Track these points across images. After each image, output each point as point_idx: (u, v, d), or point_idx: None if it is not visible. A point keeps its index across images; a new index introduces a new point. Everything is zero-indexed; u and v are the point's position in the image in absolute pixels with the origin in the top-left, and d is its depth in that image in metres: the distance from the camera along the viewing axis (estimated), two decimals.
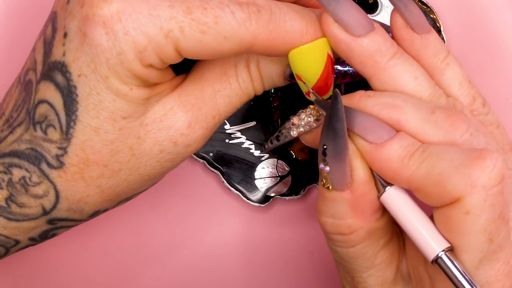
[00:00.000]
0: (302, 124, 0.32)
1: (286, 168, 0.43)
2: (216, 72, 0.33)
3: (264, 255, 0.44)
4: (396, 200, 0.31)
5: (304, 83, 0.32)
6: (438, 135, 0.30)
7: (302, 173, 0.43)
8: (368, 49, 0.31)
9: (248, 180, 0.43)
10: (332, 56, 0.32)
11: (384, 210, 0.32)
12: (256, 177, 0.43)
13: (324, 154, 0.30)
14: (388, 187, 0.31)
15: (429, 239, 0.29)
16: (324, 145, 0.30)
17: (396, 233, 0.34)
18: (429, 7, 0.43)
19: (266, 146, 0.36)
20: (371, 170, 0.31)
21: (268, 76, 0.33)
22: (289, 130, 0.33)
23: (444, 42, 0.43)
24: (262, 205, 0.43)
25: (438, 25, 0.43)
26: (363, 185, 0.31)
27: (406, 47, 0.33)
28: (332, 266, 0.43)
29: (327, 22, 0.31)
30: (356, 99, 0.31)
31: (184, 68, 0.33)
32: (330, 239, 0.33)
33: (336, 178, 0.31)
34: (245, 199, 0.43)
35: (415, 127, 0.30)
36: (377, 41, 0.31)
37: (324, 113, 0.32)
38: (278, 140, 0.34)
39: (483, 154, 0.28)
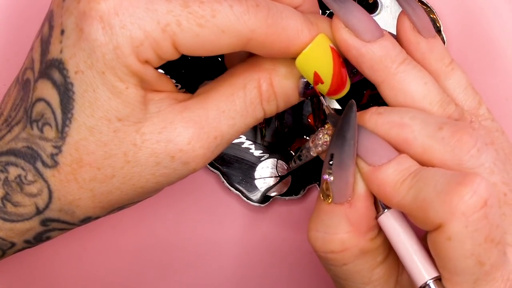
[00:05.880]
0: (320, 143, 0.33)
1: (286, 168, 0.43)
2: (222, 93, 0.32)
3: (264, 255, 0.44)
4: (393, 224, 0.31)
5: (323, 84, 0.32)
6: (444, 152, 0.30)
7: (302, 173, 0.43)
8: (378, 54, 0.32)
9: (248, 180, 0.43)
10: (335, 48, 0.32)
11: (380, 230, 0.32)
12: (256, 177, 0.43)
13: (330, 163, 0.30)
14: (387, 209, 0.31)
15: (419, 267, 0.30)
16: (332, 154, 0.30)
17: None
18: (429, 7, 0.43)
19: (290, 165, 0.36)
20: None
21: (283, 93, 0.33)
22: (309, 150, 0.33)
23: (444, 42, 0.43)
24: (262, 205, 0.43)
25: (438, 25, 0.43)
26: (364, 200, 0.31)
27: (411, 50, 0.33)
28: None
29: (337, 27, 0.32)
30: (367, 117, 0.31)
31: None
32: (322, 258, 0.33)
33: (338, 189, 0.31)
34: (245, 199, 0.43)
35: (423, 145, 0.30)
36: (387, 46, 0.32)
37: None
38: (300, 160, 0.35)
39: (465, 180, 0.28)
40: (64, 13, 0.30)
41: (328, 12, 0.43)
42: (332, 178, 0.31)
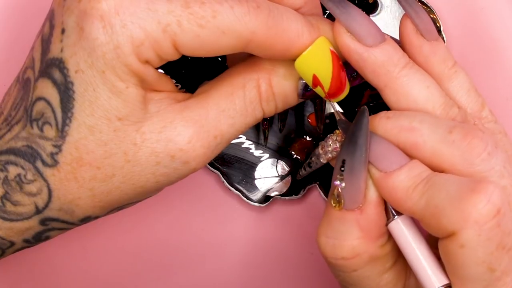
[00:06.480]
0: (329, 150, 0.33)
1: (286, 168, 0.43)
2: (222, 92, 0.32)
3: (264, 255, 0.44)
4: (403, 231, 0.31)
5: (322, 87, 0.32)
6: (455, 156, 0.30)
7: None
8: (380, 59, 0.32)
9: (248, 180, 0.43)
10: (335, 51, 0.32)
11: (389, 236, 0.32)
12: (256, 177, 0.43)
13: (342, 169, 0.30)
14: (397, 216, 0.31)
15: (429, 274, 0.30)
16: (343, 160, 0.30)
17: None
18: (429, 7, 0.43)
19: (300, 173, 0.37)
20: None
21: (281, 94, 0.33)
22: (318, 157, 0.33)
23: (444, 42, 0.43)
24: (262, 205, 0.43)
25: (438, 25, 0.43)
26: (375, 206, 0.31)
27: (414, 53, 0.33)
28: None
29: (339, 32, 0.32)
30: (376, 121, 0.31)
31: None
32: (331, 265, 0.33)
33: (349, 195, 0.31)
34: (245, 199, 0.43)
35: (432, 149, 0.30)
36: (389, 51, 0.32)
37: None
38: (310, 167, 0.35)
39: (478, 188, 0.28)
40: (65, 12, 0.30)
41: (327, 12, 0.43)
42: (343, 184, 0.30)
